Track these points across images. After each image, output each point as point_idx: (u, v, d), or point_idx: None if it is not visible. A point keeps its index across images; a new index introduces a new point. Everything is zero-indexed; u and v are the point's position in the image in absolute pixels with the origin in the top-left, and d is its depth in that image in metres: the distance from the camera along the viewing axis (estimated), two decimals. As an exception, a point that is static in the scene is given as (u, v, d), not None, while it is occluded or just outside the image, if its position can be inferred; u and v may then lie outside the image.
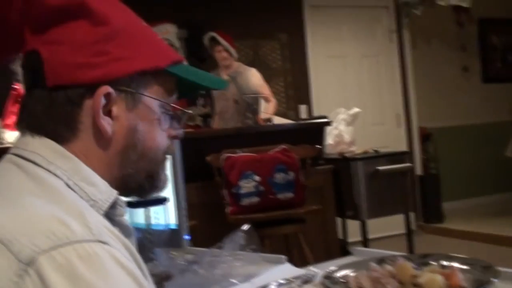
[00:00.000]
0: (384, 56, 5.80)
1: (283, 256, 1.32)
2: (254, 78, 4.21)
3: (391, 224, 4.61)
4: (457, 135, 6.24)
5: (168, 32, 4.11)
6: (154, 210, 1.47)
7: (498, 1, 6.43)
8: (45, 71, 0.68)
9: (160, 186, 0.80)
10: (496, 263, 1.01)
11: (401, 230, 4.20)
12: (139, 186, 0.77)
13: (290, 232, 3.10)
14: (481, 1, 5.92)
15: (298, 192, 3.11)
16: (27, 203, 0.61)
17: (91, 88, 0.69)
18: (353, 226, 4.02)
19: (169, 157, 0.82)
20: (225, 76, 4.20)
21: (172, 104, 0.77)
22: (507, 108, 5.53)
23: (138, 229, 1.33)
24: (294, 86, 5.36)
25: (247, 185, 3.02)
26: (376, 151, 3.88)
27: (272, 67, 5.27)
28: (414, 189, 5.58)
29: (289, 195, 3.07)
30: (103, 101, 0.69)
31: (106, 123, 0.70)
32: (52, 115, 0.69)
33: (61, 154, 0.69)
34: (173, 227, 1.51)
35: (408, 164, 3.88)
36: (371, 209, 3.68)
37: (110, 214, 0.71)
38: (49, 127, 0.69)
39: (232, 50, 4.18)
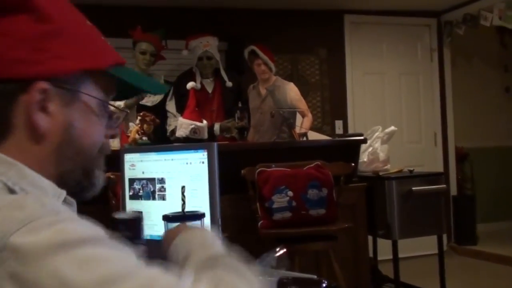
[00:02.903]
0: (424, 74, 5.76)
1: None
2: (291, 92, 4.24)
3: (423, 244, 4.56)
4: (495, 156, 6.12)
5: (209, 44, 4.18)
6: (190, 224, 1.51)
7: (544, 23, 6.30)
8: None
9: (97, 184, 0.80)
10: None
11: (433, 250, 4.15)
12: (77, 184, 0.77)
13: (321, 248, 3.11)
14: (526, 22, 5.82)
15: (331, 209, 3.12)
16: None
17: (27, 84, 0.68)
18: (384, 243, 4.00)
19: (103, 155, 0.82)
20: (263, 90, 4.26)
21: (110, 104, 0.79)
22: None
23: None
24: (331, 101, 5.38)
25: (280, 200, 3.04)
26: (410, 171, 3.85)
27: (310, 82, 5.30)
28: (447, 210, 5.50)
29: (321, 211, 3.08)
30: (38, 96, 0.69)
31: (40, 118, 0.69)
32: None
33: (3, 161, 0.68)
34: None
35: (442, 186, 3.83)
36: (403, 229, 3.65)
37: None
38: None
39: (271, 64, 4.22)
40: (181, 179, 1.60)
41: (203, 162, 1.58)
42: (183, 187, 1.41)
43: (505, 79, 6.25)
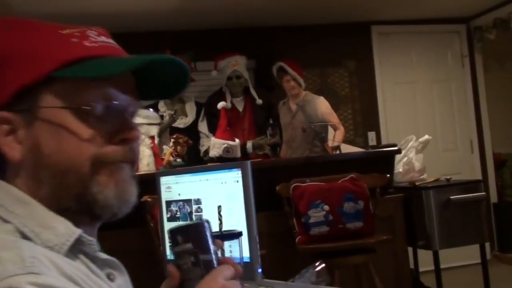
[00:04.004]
0: (456, 81, 5.69)
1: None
2: (322, 106, 4.24)
3: (465, 254, 4.47)
4: (535, 161, 5.98)
5: (237, 63, 4.23)
6: (228, 243, 1.53)
7: None
8: None
9: (103, 200, 0.71)
10: None
11: (476, 259, 4.06)
12: (75, 203, 0.70)
13: (360, 262, 3.07)
14: (559, 22, 5.71)
15: (368, 222, 3.09)
16: None
17: None
18: (425, 255, 3.93)
19: (125, 166, 0.73)
20: (293, 105, 4.27)
21: (91, 106, 0.69)
22: None
23: (214, 263, 1.37)
24: (362, 113, 5.35)
25: (316, 215, 3.03)
26: (447, 180, 3.79)
27: (340, 95, 5.29)
28: (489, 218, 5.38)
29: (358, 224, 3.06)
30: (3, 127, 0.68)
31: (9, 149, 0.68)
32: None
33: (20, 201, 0.68)
34: (246, 260, 1.55)
35: (481, 193, 3.76)
36: (443, 238, 3.59)
37: (82, 251, 0.69)
38: None
39: (300, 79, 4.24)
40: (216, 199, 1.61)
41: (237, 181, 1.60)
42: (219, 207, 1.43)
43: (540, 81, 6.11)
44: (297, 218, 3.08)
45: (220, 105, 4.13)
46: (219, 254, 1.48)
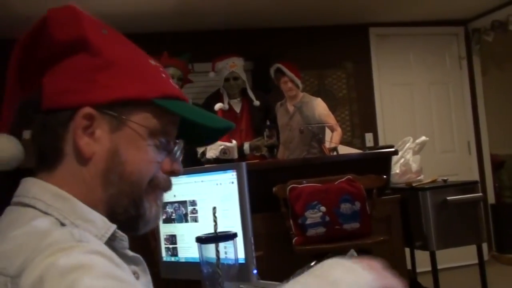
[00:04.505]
0: (453, 83, 5.70)
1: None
2: (319, 107, 4.24)
3: (463, 254, 4.48)
4: (533, 162, 5.98)
5: (235, 65, 4.23)
6: (223, 245, 1.53)
7: None
8: (42, 96, 0.75)
9: (147, 216, 0.79)
10: None
11: (473, 260, 4.07)
12: (124, 211, 0.77)
13: (356, 263, 3.07)
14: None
15: (365, 223, 3.10)
16: (18, 234, 0.66)
17: (74, 111, 0.74)
18: (422, 255, 3.94)
19: (161, 193, 0.82)
20: (290, 107, 4.28)
21: (164, 135, 0.79)
22: None
23: (208, 264, 1.38)
24: (360, 115, 5.36)
25: (313, 216, 3.04)
26: (444, 181, 3.80)
27: (337, 96, 5.30)
28: (486, 219, 5.39)
29: (355, 225, 3.07)
30: (83, 122, 0.74)
31: (85, 143, 0.74)
32: (42, 139, 0.76)
33: (59, 196, 0.73)
34: (241, 261, 1.55)
35: (478, 194, 3.77)
36: (440, 239, 3.60)
37: (112, 247, 0.73)
38: (36, 152, 0.76)
39: (298, 81, 4.24)
40: (212, 200, 1.62)
41: (232, 182, 1.60)
42: (214, 208, 1.43)
43: (537, 83, 6.12)
44: (294, 219, 3.09)
45: (217, 106, 4.13)
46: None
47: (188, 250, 1.66)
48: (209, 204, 1.58)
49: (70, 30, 0.75)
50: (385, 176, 3.36)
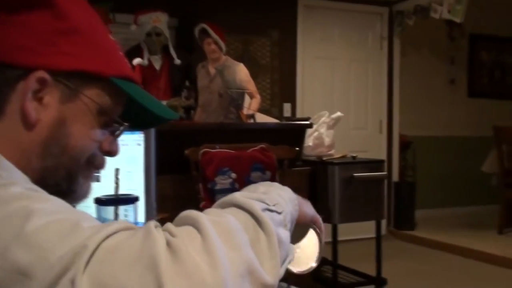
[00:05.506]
0: (373, 62, 5.86)
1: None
2: (241, 73, 4.22)
3: (363, 228, 4.69)
4: (437, 145, 6.33)
5: (159, 20, 4.10)
6: (124, 208, 1.50)
7: (490, 19, 6.51)
8: None
9: (78, 192, 0.77)
10: (458, 274, 1.04)
11: (372, 234, 4.27)
12: (56, 185, 0.73)
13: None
14: (473, 17, 5.99)
15: (273, 192, 3.14)
16: None
17: (27, 72, 0.69)
18: (325, 227, 4.07)
19: (94, 171, 0.80)
20: (212, 69, 4.22)
21: (112, 115, 0.77)
22: (489, 123, 5.63)
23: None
24: (281, 84, 5.40)
25: (222, 182, 3.05)
26: (353, 157, 3.92)
27: (260, 64, 5.29)
28: (389, 196, 5.66)
29: (263, 194, 3.10)
30: (35, 85, 0.69)
31: (33, 107, 0.69)
32: None
33: None
34: (141, 225, 1.52)
35: (383, 173, 3.93)
36: (343, 213, 3.73)
37: None
38: None
39: (222, 44, 4.18)
40: (115, 161, 1.57)
41: (139, 144, 1.56)
42: (117, 170, 1.39)
43: (451, 71, 6.43)
44: (204, 184, 3.08)
45: (136, 61, 4.00)
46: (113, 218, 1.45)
47: (87, 211, 1.60)
48: (114, 165, 1.54)
49: None
50: (297, 148, 3.41)
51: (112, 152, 0.81)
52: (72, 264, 0.51)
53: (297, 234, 0.86)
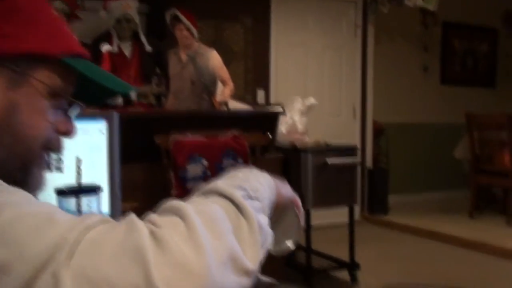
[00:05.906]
0: (347, 49, 5.86)
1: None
2: (213, 59, 4.18)
3: (337, 213, 4.72)
4: (410, 132, 6.40)
5: (129, 6, 4.03)
6: (87, 198, 1.47)
7: (463, 7, 6.57)
8: None
9: (33, 184, 0.72)
10: (431, 257, 1.04)
11: (346, 219, 4.30)
12: (10, 176, 0.67)
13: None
14: (447, 5, 6.03)
15: (245, 180, 3.13)
16: None
17: None
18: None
19: (51, 155, 0.76)
20: (184, 56, 4.17)
21: (64, 95, 0.73)
22: (462, 110, 5.71)
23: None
24: (254, 71, 5.37)
25: (194, 169, 3.03)
26: (326, 144, 3.94)
27: (233, 50, 5.25)
28: (363, 181, 5.71)
29: (235, 181, 3.09)
30: None
31: None
32: None
33: None
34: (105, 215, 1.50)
35: (356, 159, 3.95)
36: (317, 199, 3.75)
37: None
38: None
39: (194, 30, 4.13)
40: (77, 150, 1.54)
41: (102, 132, 1.53)
42: (78, 159, 1.36)
43: (424, 59, 6.48)
44: (175, 172, 3.06)
45: (105, 48, 3.93)
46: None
47: (50, 202, 1.57)
48: (74, 154, 1.50)
49: None
50: (270, 135, 3.41)
51: (69, 132, 0.77)
52: (52, 257, 0.49)
53: (276, 216, 0.86)
